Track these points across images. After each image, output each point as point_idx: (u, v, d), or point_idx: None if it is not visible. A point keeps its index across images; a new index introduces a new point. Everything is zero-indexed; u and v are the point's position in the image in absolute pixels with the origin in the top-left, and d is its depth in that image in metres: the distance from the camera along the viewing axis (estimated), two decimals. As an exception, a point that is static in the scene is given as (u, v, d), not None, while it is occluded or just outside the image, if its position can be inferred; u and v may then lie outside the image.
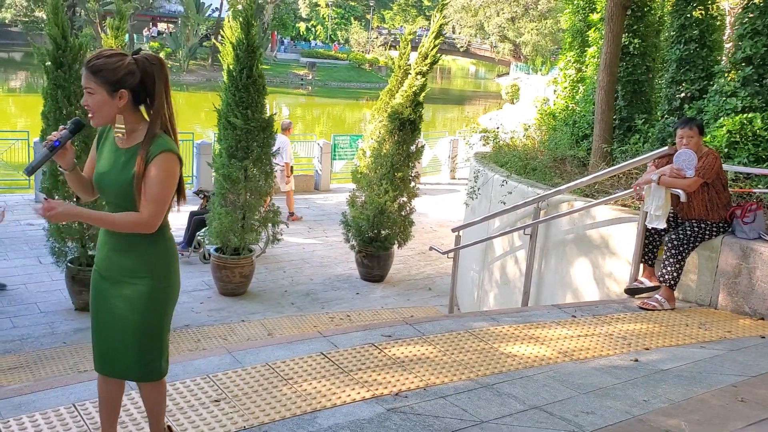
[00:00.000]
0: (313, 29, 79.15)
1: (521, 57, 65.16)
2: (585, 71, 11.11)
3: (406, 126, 10.03)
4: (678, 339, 5.07)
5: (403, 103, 9.99)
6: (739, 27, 7.24)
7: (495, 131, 10.33)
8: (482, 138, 10.39)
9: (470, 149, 10.81)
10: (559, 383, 4.08)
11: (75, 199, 7.87)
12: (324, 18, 78.62)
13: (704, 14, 8.06)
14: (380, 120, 10.48)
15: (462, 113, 51.46)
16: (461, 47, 75.43)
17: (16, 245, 8.83)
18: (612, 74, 8.25)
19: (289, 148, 13.75)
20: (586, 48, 11.03)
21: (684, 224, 5.79)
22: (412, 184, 10.40)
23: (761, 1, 7.01)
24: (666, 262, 5.73)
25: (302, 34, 77.60)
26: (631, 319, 5.47)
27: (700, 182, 5.58)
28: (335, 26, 79.36)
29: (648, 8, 9.06)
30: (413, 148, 10.26)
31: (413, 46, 10.94)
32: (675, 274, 5.70)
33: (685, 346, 4.94)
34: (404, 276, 10.92)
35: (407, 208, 10.39)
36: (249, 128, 8.73)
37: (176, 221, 9.69)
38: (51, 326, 7.76)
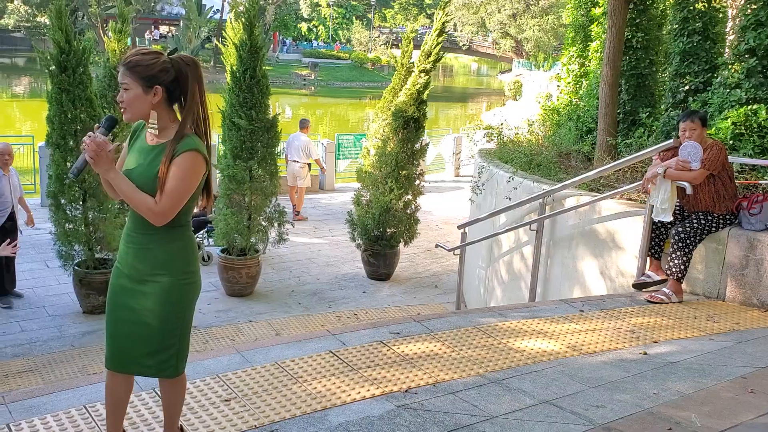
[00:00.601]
0: (315, 29, 79.20)
1: (523, 53, 65.13)
2: (588, 66, 11.11)
3: (410, 124, 10.04)
4: (686, 331, 5.07)
5: (407, 102, 9.99)
6: (742, 18, 7.23)
7: (498, 128, 10.33)
8: (486, 135, 10.39)
9: (474, 146, 10.81)
10: (569, 377, 4.08)
11: (81, 202, 7.91)
12: (325, 18, 78.67)
13: (707, 6, 8.05)
14: (384, 119, 10.48)
15: (465, 111, 51.47)
16: (463, 45, 75.42)
17: (23, 249, 8.84)
18: (615, 68, 8.24)
19: (313, 146, 14.14)
20: (589, 43, 11.02)
21: (690, 217, 5.79)
22: (417, 182, 10.40)
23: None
24: (673, 255, 5.72)
25: (304, 35, 77.64)
26: (639, 313, 5.47)
27: (706, 174, 5.57)
28: (337, 26, 79.41)
29: (650, 1, 9.04)
30: (417, 146, 10.26)
31: (416, 45, 10.93)
32: (682, 267, 5.69)
33: (694, 339, 4.94)
34: (411, 274, 10.93)
35: (412, 206, 10.39)
36: (253, 129, 8.74)
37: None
38: (59, 329, 7.78)
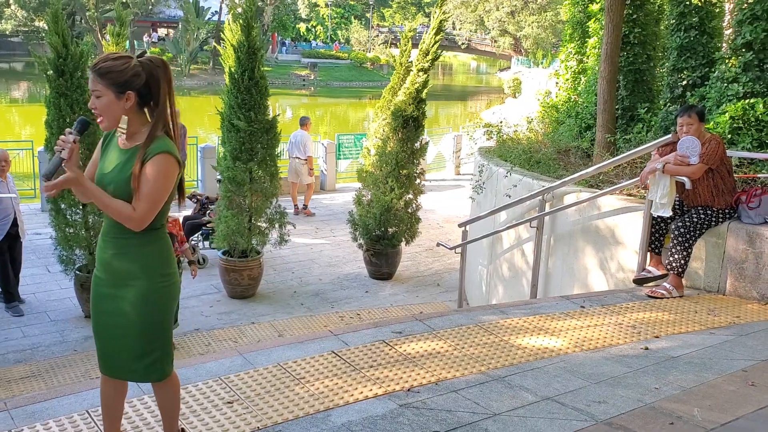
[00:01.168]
0: (314, 29, 79.19)
1: (522, 51, 65.13)
2: (586, 62, 11.11)
3: (410, 123, 10.04)
4: (687, 326, 5.08)
5: (406, 101, 9.99)
6: (739, 13, 7.23)
7: (498, 126, 10.34)
8: (486, 133, 10.39)
9: (474, 144, 10.81)
10: (571, 374, 4.09)
11: (81, 206, 7.92)
12: (324, 18, 78.64)
13: (703, 1, 8.06)
14: (383, 118, 10.49)
15: (465, 109, 51.45)
16: (462, 43, 75.39)
17: (24, 255, 8.85)
18: (613, 64, 8.25)
19: (310, 143, 14.27)
20: (587, 39, 11.03)
21: (690, 211, 5.80)
22: (418, 181, 10.41)
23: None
24: (673, 250, 5.73)
25: (303, 35, 77.65)
26: (640, 308, 5.48)
27: (705, 168, 5.58)
28: (335, 26, 79.38)
29: (647, -3, 9.06)
30: (417, 145, 10.26)
31: (414, 44, 10.92)
32: (682, 262, 5.70)
33: (695, 333, 4.95)
34: (413, 273, 10.94)
35: (413, 205, 10.40)
36: (252, 130, 8.75)
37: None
38: (61, 334, 7.79)
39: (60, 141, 2.68)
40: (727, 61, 7.35)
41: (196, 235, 10.82)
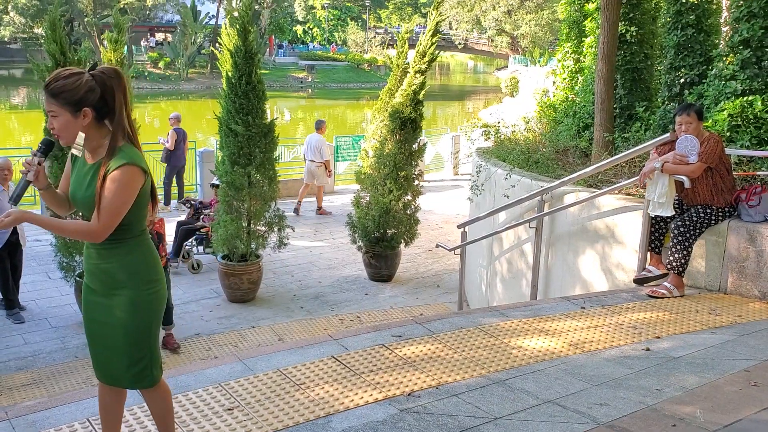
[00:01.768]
0: (310, 32, 79.22)
1: (519, 49, 65.08)
2: (583, 61, 11.09)
3: (407, 125, 10.04)
4: (689, 326, 5.06)
5: (403, 102, 9.99)
6: (735, 10, 7.21)
7: (496, 126, 10.33)
8: (483, 133, 10.38)
9: (472, 145, 10.81)
10: (572, 376, 4.08)
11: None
12: (320, 20, 78.66)
13: (700, -1, 8.04)
14: (381, 120, 10.48)
15: (462, 109, 51.47)
16: (459, 43, 75.35)
17: (25, 261, 8.84)
18: (610, 63, 8.23)
19: (325, 146, 14.63)
20: (584, 38, 11.01)
21: (689, 210, 5.78)
22: (416, 183, 10.40)
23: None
24: (673, 249, 5.72)
25: (299, 37, 77.70)
26: (641, 308, 5.47)
27: (704, 167, 5.57)
28: (332, 28, 79.41)
29: (643, -5, 9.04)
30: (415, 147, 10.26)
31: (411, 44, 10.91)
32: (683, 261, 5.69)
33: (696, 333, 4.93)
34: (412, 274, 10.93)
35: (412, 207, 10.39)
36: (250, 134, 8.74)
37: (167, 231, 9.70)
38: (62, 341, 7.78)
39: (25, 164, 2.68)
40: (725, 59, 7.34)
41: (190, 240, 10.81)
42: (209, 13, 58.91)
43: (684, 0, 8.07)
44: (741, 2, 7.13)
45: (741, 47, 7.12)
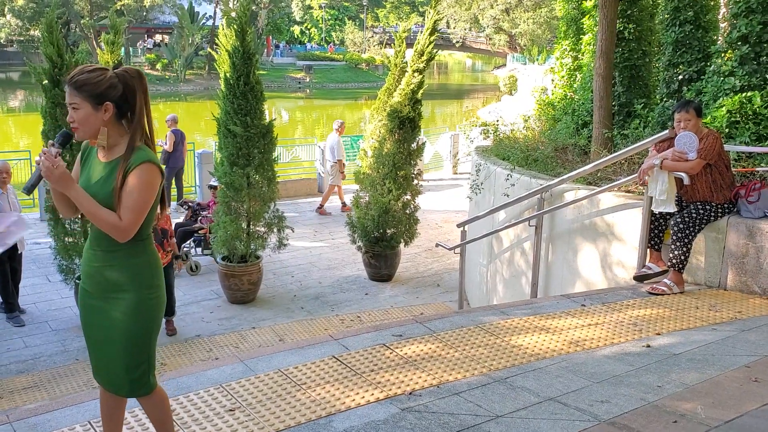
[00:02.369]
0: (308, 32, 79.18)
1: (517, 48, 65.07)
2: (581, 59, 11.09)
3: (406, 124, 10.03)
4: (689, 322, 5.07)
5: (402, 102, 9.99)
6: (734, 6, 7.20)
7: (495, 124, 10.33)
8: (482, 132, 10.38)
9: (471, 143, 10.80)
10: (572, 373, 4.08)
11: (80, 215, 7.90)
12: (318, 20, 78.64)
13: (698, -5, 8.03)
14: (380, 119, 10.48)
15: (461, 107, 51.47)
16: (457, 42, 75.30)
17: (24, 265, 8.85)
18: (608, 60, 8.23)
19: (338, 146, 14.89)
20: (582, 36, 11.00)
21: (689, 207, 5.78)
22: (415, 182, 10.40)
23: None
24: (673, 246, 5.72)
25: (297, 38, 77.64)
26: (641, 305, 5.47)
27: (703, 164, 5.57)
28: (329, 28, 79.37)
29: (641, -8, 9.03)
30: (414, 146, 10.26)
31: (409, 44, 10.92)
32: (682, 258, 5.69)
33: (697, 329, 4.93)
34: (412, 274, 10.92)
35: (411, 206, 10.39)
36: (249, 135, 8.74)
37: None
38: (63, 344, 7.78)
39: (42, 154, 2.67)
40: (723, 55, 7.33)
41: (189, 242, 10.81)
42: (206, 14, 58.82)
43: (681, -4, 8.07)
44: (739, -2, 7.13)
45: (739, 43, 7.11)
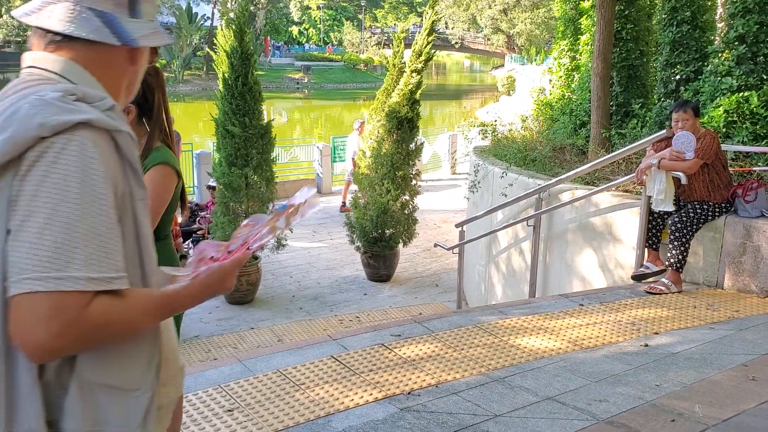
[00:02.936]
0: (306, 32, 79.15)
1: (515, 48, 65.06)
2: (579, 59, 11.12)
3: (404, 124, 10.04)
4: (687, 321, 5.08)
5: (400, 102, 9.99)
6: (730, 6, 7.23)
7: (493, 124, 10.34)
8: (481, 132, 10.39)
9: (469, 144, 10.81)
10: (571, 373, 4.09)
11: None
12: (316, 20, 78.62)
13: (695, -5, 8.06)
14: (378, 120, 10.48)
15: (459, 108, 51.48)
16: (455, 42, 75.28)
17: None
18: (606, 60, 8.25)
19: (351, 144, 14.98)
20: (579, 36, 11.03)
21: (686, 206, 5.80)
22: (414, 182, 10.40)
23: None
24: (670, 246, 5.73)
25: (295, 38, 77.61)
26: (639, 305, 5.48)
27: (700, 164, 5.59)
28: (327, 28, 79.35)
29: (639, -8, 9.06)
30: (412, 146, 10.26)
31: (407, 44, 10.93)
32: (680, 257, 5.70)
33: (695, 328, 4.95)
34: (411, 274, 10.93)
35: (410, 206, 10.40)
36: (247, 136, 8.74)
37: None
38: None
39: None
40: (720, 55, 7.35)
41: (187, 243, 10.79)
42: (204, 15, 58.82)
43: (679, -4, 8.09)
44: (736, -2, 7.15)
45: (736, 43, 7.13)
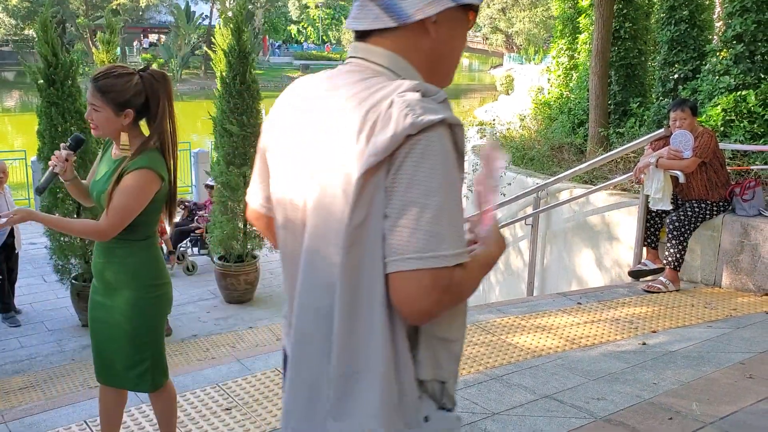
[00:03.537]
0: (304, 31, 79.13)
1: (514, 47, 65.07)
2: (577, 58, 11.12)
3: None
4: (684, 320, 5.08)
5: (398, 101, 9.98)
6: (728, 5, 7.23)
7: (491, 123, 10.34)
8: (479, 131, 10.39)
9: (468, 143, 10.81)
10: (569, 371, 4.09)
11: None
12: (314, 19, 78.56)
13: (693, -6, 8.06)
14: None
15: (458, 107, 51.44)
16: (453, 41, 75.18)
17: (20, 265, 8.83)
18: (604, 59, 8.25)
19: None
20: (578, 35, 11.03)
21: (684, 205, 5.80)
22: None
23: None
24: (668, 244, 5.74)
25: (294, 37, 77.59)
26: (637, 303, 5.48)
27: (698, 162, 5.59)
28: (326, 27, 79.31)
29: (637, -9, 9.07)
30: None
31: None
32: (678, 256, 5.70)
33: (692, 327, 4.95)
34: (409, 273, 10.90)
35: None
36: (245, 134, 8.73)
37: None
38: (59, 344, 7.76)
39: (54, 157, 2.69)
40: (718, 54, 7.36)
41: (185, 242, 10.79)
42: (203, 14, 58.71)
43: (677, -5, 8.10)
44: (733, -3, 7.15)
45: (734, 42, 7.14)
